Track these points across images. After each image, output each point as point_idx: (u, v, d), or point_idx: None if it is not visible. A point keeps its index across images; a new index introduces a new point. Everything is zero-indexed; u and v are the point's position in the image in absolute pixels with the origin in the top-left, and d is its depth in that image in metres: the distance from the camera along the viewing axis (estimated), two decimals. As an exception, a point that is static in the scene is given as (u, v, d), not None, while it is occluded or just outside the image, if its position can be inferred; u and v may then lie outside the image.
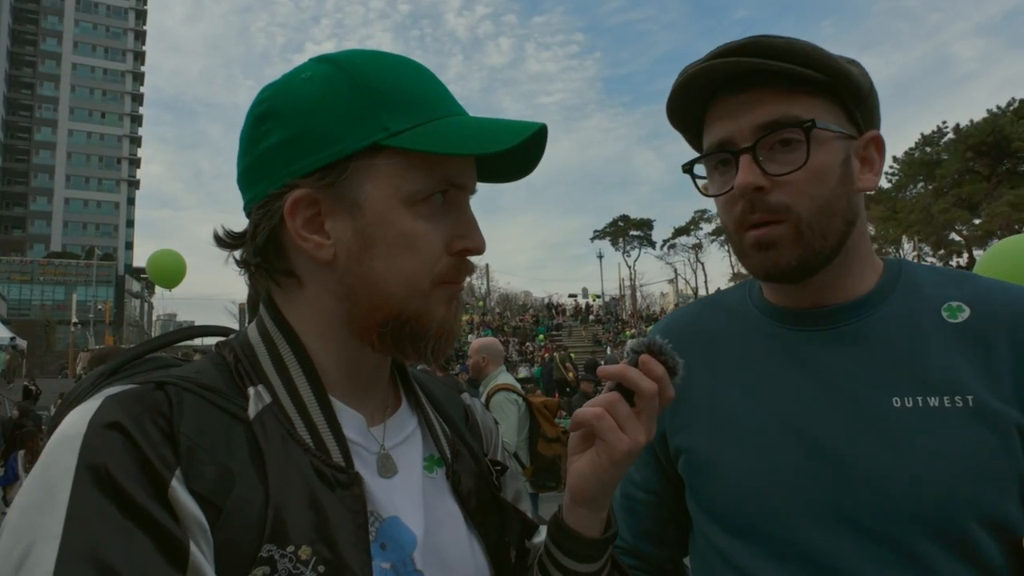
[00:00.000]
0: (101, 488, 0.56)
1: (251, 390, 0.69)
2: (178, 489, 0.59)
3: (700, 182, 0.99)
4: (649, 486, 1.09)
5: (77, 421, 0.60)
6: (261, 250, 0.73)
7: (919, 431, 0.82)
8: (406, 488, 0.75)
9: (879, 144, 0.93)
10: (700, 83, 0.91)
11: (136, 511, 0.56)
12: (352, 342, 0.74)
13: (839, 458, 0.84)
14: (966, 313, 0.88)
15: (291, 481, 0.65)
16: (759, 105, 0.87)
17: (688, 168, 0.98)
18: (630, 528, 1.10)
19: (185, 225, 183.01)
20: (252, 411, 0.67)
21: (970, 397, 0.82)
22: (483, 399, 4.85)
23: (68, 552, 0.53)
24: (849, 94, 0.89)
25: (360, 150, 0.68)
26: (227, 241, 0.77)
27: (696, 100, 0.94)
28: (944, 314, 0.89)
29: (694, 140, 1.01)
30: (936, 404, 0.83)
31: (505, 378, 5.11)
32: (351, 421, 0.73)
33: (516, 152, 0.71)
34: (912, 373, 0.86)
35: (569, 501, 0.80)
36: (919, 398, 0.84)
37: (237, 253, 0.77)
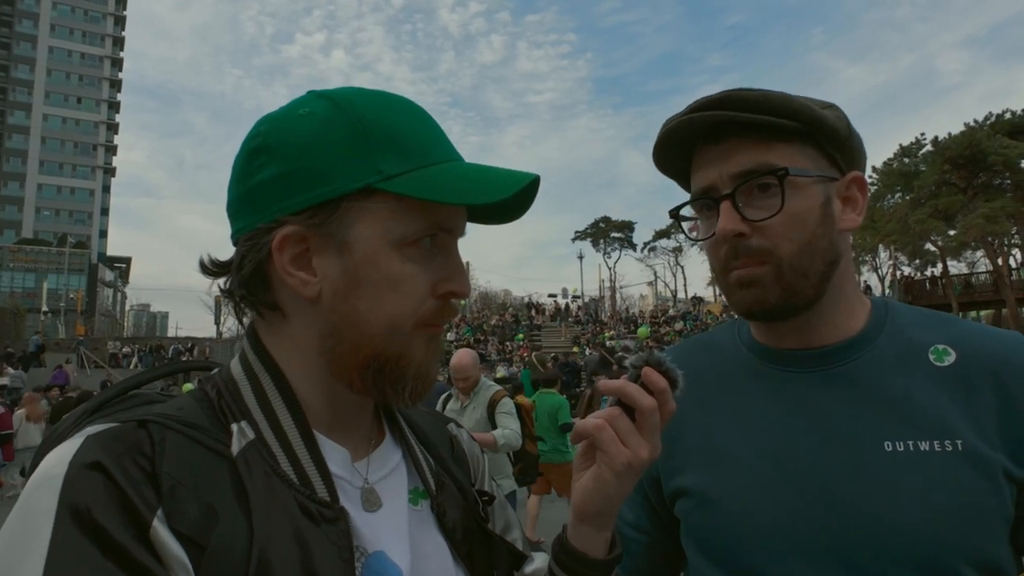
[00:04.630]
0: (82, 530, 0.56)
1: (234, 426, 0.69)
2: (160, 529, 0.59)
3: (687, 225, 1.03)
4: (640, 526, 1.09)
5: (58, 461, 0.59)
6: (246, 282, 0.73)
7: (911, 474, 0.84)
8: (391, 522, 0.75)
9: (861, 184, 0.95)
10: (682, 134, 0.95)
11: (118, 553, 0.56)
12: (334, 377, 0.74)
13: (833, 500, 0.86)
14: (952, 357, 0.91)
15: (275, 517, 0.64)
16: (737, 154, 0.91)
17: (675, 213, 1.01)
18: (622, 566, 1.05)
19: (166, 214, 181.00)
20: (235, 448, 0.67)
21: (959, 441, 0.84)
22: (485, 404, 4.84)
23: None
24: (826, 138, 0.91)
25: (353, 191, 0.68)
26: (212, 270, 0.77)
27: (681, 149, 0.98)
28: (931, 357, 0.91)
29: (683, 184, 1.03)
30: (927, 448, 0.85)
31: (491, 383, 5.11)
32: (335, 455, 0.73)
33: (508, 199, 0.71)
34: (903, 417, 0.87)
35: (574, 519, 0.81)
36: (910, 442, 0.85)
37: (221, 281, 0.77)
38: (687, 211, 1.00)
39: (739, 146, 0.91)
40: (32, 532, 0.56)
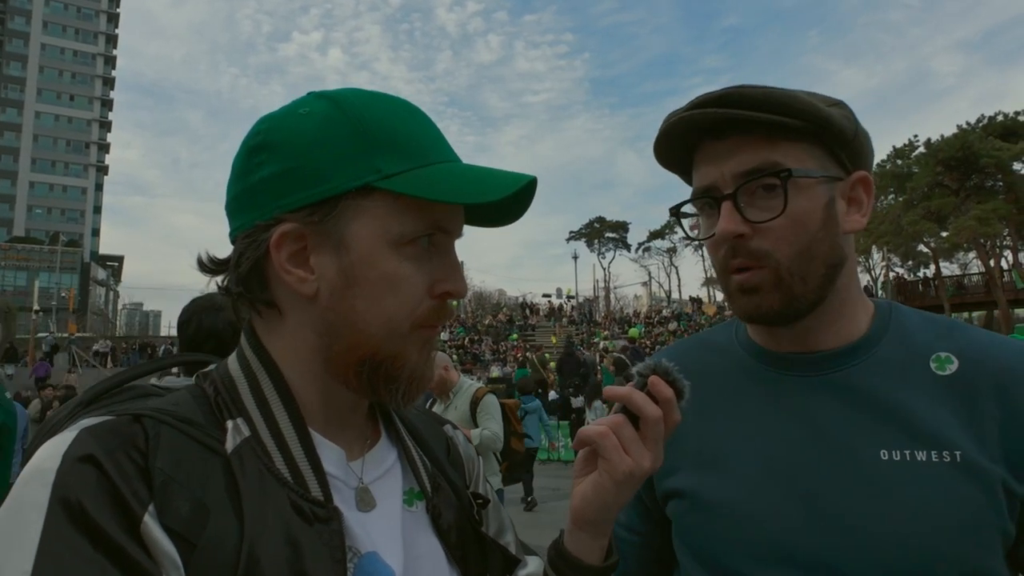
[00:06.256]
0: (74, 523, 0.56)
1: (229, 423, 0.69)
2: (151, 525, 0.58)
3: (687, 222, 1.01)
4: (633, 526, 1.08)
5: (51, 454, 0.59)
6: (244, 279, 0.73)
7: (907, 485, 0.82)
8: (384, 523, 0.74)
9: (866, 184, 0.93)
10: (684, 130, 0.93)
11: (109, 547, 0.56)
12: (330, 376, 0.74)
13: (826, 508, 0.84)
14: (955, 365, 0.88)
15: (267, 516, 0.64)
16: (740, 152, 0.88)
17: (675, 211, 0.99)
18: None
19: (159, 213, 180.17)
20: (230, 445, 0.67)
21: (958, 453, 0.82)
22: (468, 401, 4.87)
23: None
24: (832, 137, 0.88)
25: (351, 190, 0.69)
26: (210, 267, 0.77)
27: (683, 144, 0.95)
28: (933, 366, 0.89)
29: (685, 178, 1.00)
30: (924, 459, 0.83)
31: (471, 382, 5.18)
32: (330, 455, 0.73)
33: (506, 201, 0.72)
34: (901, 426, 0.85)
35: (571, 525, 0.81)
36: (907, 452, 0.84)
37: (219, 279, 0.77)
38: (688, 208, 0.98)
39: (742, 144, 0.88)
40: (23, 524, 0.56)
